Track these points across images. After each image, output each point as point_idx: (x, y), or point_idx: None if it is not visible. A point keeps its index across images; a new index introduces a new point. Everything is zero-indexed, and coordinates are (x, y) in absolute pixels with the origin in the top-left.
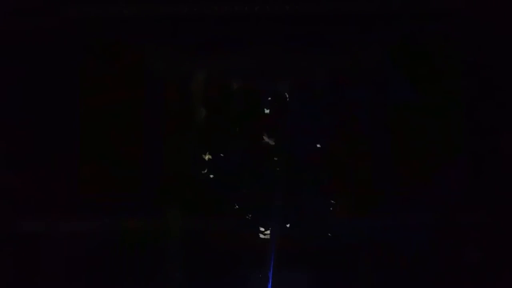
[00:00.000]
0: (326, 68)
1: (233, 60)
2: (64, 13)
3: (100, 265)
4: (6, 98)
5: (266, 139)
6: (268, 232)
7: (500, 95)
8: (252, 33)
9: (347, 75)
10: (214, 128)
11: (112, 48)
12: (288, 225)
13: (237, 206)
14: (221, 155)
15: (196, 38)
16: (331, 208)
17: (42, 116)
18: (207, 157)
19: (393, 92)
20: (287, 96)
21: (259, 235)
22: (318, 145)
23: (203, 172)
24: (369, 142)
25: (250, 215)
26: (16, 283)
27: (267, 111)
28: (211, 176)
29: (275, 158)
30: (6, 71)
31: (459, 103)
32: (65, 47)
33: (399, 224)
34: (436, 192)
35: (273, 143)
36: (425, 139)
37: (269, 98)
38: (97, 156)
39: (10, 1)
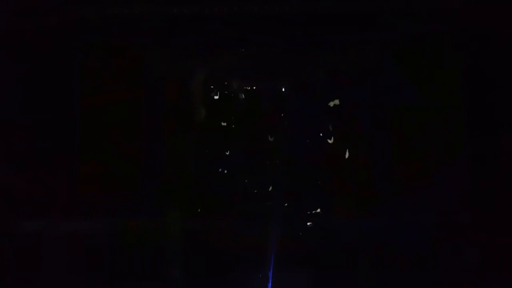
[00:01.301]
0: (326, 68)
1: (233, 60)
2: (64, 13)
3: (100, 265)
4: (6, 98)
5: (269, 138)
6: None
7: (500, 95)
8: (252, 33)
9: (347, 75)
10: (214, 128)
11: (112, 48)
12: (288, 225)
13: (237, 206)
14: (221, 155)
15: (196, 38)
16: (331, 208)
17: (42, 116)
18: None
19: (393, 92)
20: (287, 96)
21: (259, 235)
22: (318, 145)
23: (203, 172)
24: (369, 142)
25: (250, 215)
26: (16, 283)
27: (267, 111)
28: (212, 175)
29: (275, 158)
30: (6, 71)
31: (459, 103)
32: (65, 47)
33: (399, 224)
34: (436, 192)
35: (273, 143)
36: (425, 139)
37: (269, 98)
38: (97, 156)
39: (10, 1)
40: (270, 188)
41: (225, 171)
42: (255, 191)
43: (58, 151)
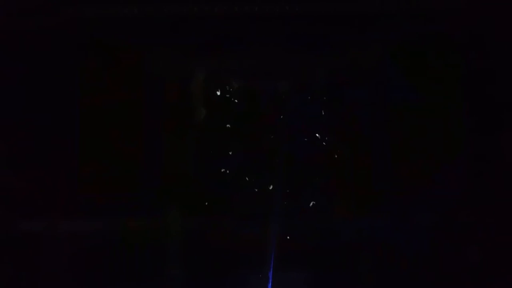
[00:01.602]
0: (326, 68)
1: (233, 60)
2: (64, 13)
3: (100, 265)
4: (6, 98)
5: (269, 138)
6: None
7: (500, 95)
8: (252, 33)
9: (347, 75)
10: (214, 128)
11: (112, 48)
12: (288, 225)
13: (237, 206)
14: (221, 155)
15: (196, 38)
16: (331, 208)
17: (42, 116)
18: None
19: (393, 92)
20: (287, 96)
21: (259, 235)
22: (318, 145)
23: (203, 172)
24: (369, 142)
25: (250, 215)
26: (16, 283)
27: (267, 111)
28: (212, 175)
29: (275, 158)
30: (6, 71)
31: (459, 103)
32: (65, 47)
33: (399, 224)
34: (436, 192)
35: (273, 143)
36: (425, 139)
37: (269, 98)
38: (97, 156)
39: (10, 1)
40: (270, 188)
41: (225, 171)
42: (255, 191)
43: (58, 151)
